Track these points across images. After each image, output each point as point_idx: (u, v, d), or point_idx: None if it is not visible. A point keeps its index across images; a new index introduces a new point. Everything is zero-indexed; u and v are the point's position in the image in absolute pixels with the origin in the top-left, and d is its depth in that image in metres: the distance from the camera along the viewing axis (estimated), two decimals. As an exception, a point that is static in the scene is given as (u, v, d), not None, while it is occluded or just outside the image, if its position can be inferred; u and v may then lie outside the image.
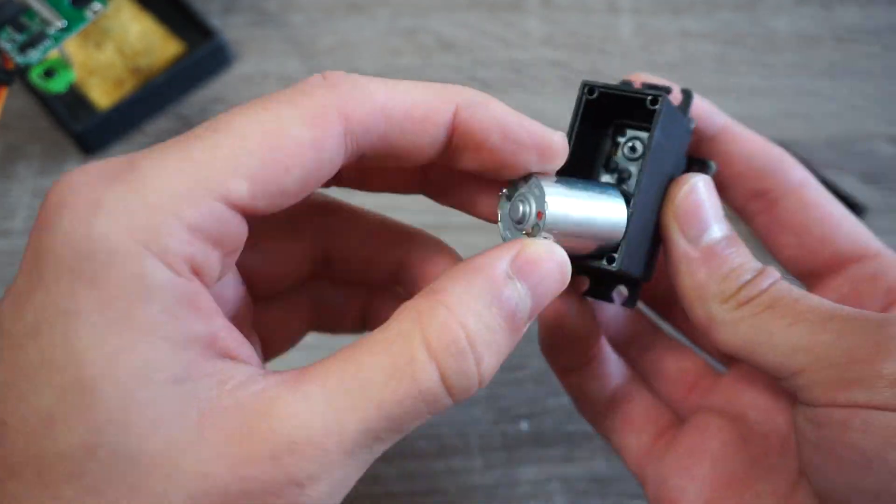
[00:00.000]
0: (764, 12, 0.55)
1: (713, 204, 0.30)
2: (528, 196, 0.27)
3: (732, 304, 0.29)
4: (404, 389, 0.23)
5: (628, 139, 0.31)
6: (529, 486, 0.42)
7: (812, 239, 0.33)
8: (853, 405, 0.25)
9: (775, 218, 0.34)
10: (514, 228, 0.28)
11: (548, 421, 0.44)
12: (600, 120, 0.31)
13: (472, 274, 0.25)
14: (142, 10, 0.53)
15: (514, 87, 0.53)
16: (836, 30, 0.54)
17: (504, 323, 0.25)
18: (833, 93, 0.52)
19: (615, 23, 0.55)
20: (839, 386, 0.26)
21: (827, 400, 0.26)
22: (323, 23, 0.55)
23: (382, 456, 0.44)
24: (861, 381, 0.25)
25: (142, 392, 0.21)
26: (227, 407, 0.22)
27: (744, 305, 0.29)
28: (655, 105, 0.29)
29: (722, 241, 0.30)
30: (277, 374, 0.23)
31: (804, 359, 0.27)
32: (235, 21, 0.55)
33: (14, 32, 0.43)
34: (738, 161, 0.34)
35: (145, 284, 0.22)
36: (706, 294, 0.29)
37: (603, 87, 0.29)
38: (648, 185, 0.29)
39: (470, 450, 0.43)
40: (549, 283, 0.26)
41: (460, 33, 0.55)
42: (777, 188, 0.33)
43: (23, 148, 0.51)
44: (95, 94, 0.51)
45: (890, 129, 0.51)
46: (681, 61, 0.53)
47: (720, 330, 0.29)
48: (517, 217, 0.27)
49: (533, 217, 0.27)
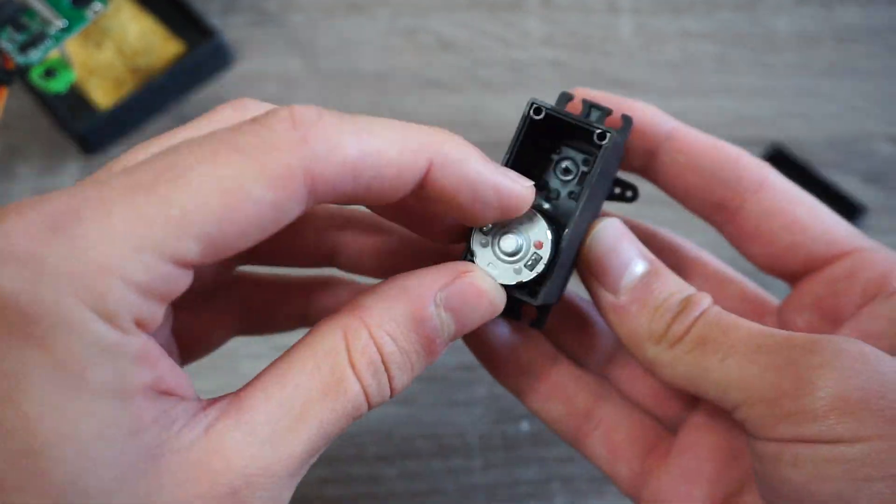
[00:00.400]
0: (764, 12, 0.55)
1: (625, 245, 0.29)
2: (522, 228, 0.28)
3: (665, 344, 0.28)
4: (340, 406, 0.24)
5: (562, 158, 0.30)
6: (529, 486, 0.42)
7: (781, 248, 0.32)
8: (783, 440, 0.25)
9: (740, 229, 0.32)
10: (500, 261, 0.28)
11: (548, 421, 0.44)
12: (542, 138, 0.30)
13: (397, 294, 0.26)
14: (141, 9, 0.53)
15: (514, 87, 0.53)
16: (837, 30, 0.54)
17: (421, 348, 0.26)
18: (833, 93, 0.52)
19: (615, 23, 0.55)
20: (770, 421, 0.26)
21: (762, 434, 0.26)
22: (323, 23, 0.55)
23: (383, 456, 0.44)
24: (788, 415, 0.25)
25: (102, 452, 0.21)
26: (179, 450, 0.22)
27: (676, 344, 0.28)
28: (603, 140, 0.28)
29: (643, 279, 0.29)
30: (215, 403, 0.24)
31: (738, 395, 0.26)
32: (235, 21, 0.55)
33: (14, 32, 0.43)
34: (687, 173, 0.32)
35: (95, 347, 0.21)
36: (639, 338, 0.29)
37: (550, 110, 0.28)
38: (580, 220, 0.28)
39: (470, 450, 0.43)
40: (477, 315, 0.27)
41: (460, 33, 0.55)
42: (734, 197, 0.32)
43: (23, 148, 0.51)
44: (96, 94, 0.51)
45: (890, 129, 0.51)
46: (681, 61, 0.53)
47: (661, 371, 0.29)
48: (511, 250, 0.28)
49: (532, 248, 0.28)
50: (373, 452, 0.43)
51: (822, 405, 0.24)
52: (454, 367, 0.45)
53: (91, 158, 0.51)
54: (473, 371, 0.45)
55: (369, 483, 0.43)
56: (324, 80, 0.53)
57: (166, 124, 0.52)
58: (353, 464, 0.43)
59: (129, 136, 0.51)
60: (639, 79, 0.53)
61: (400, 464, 0.43)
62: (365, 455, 0.43)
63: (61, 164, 0.51)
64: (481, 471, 0.43)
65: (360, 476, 0.43)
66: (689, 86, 0.53)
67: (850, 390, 0.24)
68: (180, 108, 0.52)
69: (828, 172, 0.49)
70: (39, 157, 0.51)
